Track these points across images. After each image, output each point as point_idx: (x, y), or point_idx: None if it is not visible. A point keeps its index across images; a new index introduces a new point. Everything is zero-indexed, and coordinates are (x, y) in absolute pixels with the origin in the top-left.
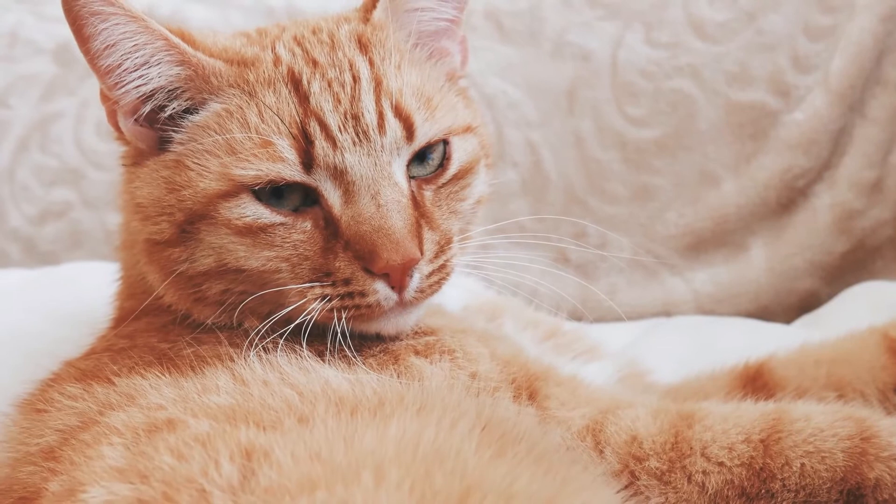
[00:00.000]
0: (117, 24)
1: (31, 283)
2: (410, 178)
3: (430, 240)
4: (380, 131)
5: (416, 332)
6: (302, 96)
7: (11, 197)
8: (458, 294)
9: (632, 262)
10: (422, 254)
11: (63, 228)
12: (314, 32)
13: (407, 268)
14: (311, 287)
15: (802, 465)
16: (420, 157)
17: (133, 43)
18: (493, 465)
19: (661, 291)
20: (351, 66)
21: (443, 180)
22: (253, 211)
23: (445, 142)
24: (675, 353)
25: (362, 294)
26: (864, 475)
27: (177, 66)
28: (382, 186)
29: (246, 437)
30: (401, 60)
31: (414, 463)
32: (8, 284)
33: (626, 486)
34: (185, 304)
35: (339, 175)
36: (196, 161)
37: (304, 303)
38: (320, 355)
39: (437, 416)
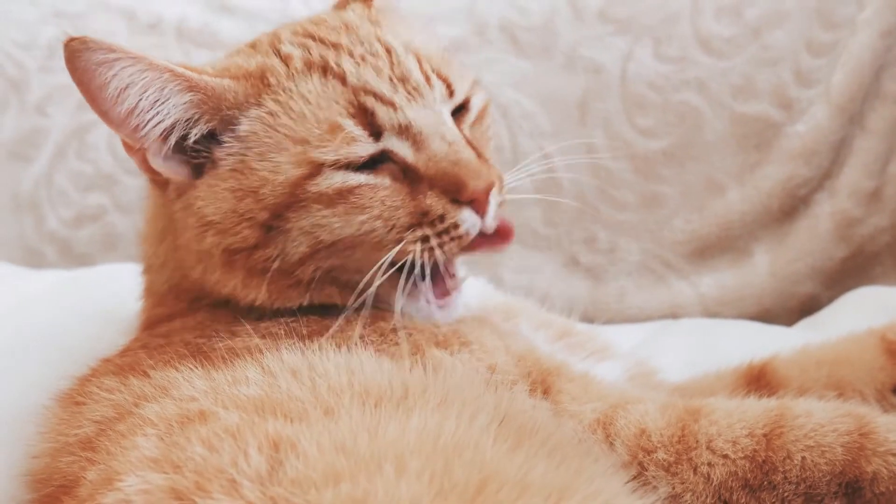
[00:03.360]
0: (124, 67)
1: (67, 284)
2: None
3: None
4: (429, 86)
5: (437, 324)
6: (338, 76)
7: (49, 201)
8: (475, 293)
9: (640, 267)
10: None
11: (97, 231)
12: (317, 24)
13: (488, 192)
14: (412, 231)
15: (803, 458)
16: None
17: (143, 81)
18: (510, 458)
19: (669, 295)
20: (378, 39)
21: (471, 118)
22: (341, 177)
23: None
24: (681, 353)
25: (455, 226)
26: (862, 469)
27: (188, 93)
28: (446, 129)
29: (273, 428)
30: (413, 32)
31: (434, 455)
32: (45, 284)
33: (634, 477)
34: (277, 297)
35: (404, 131)
36: (260, 163)
37: (404, 248)
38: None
39: (458, 409)
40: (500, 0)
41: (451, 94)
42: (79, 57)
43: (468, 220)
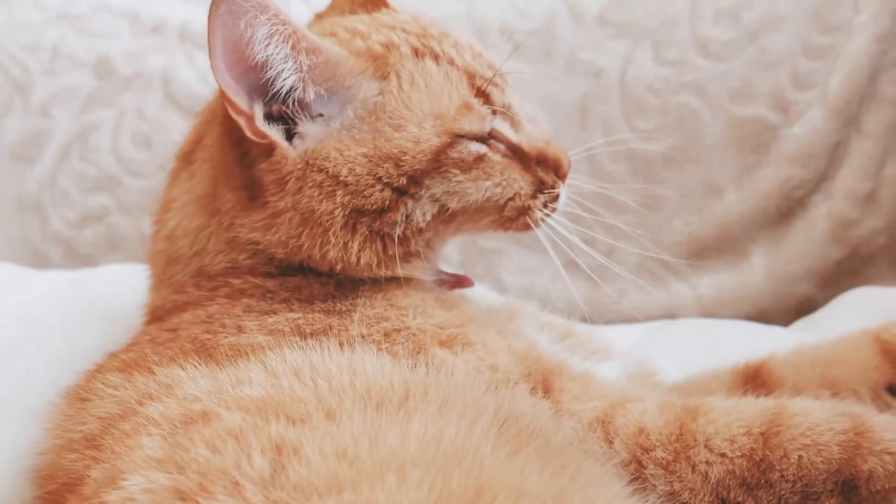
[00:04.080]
0: (269, 19)
1: (71, 284)
2: None
3: None
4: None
5: (441, 324)
6: (449, 61)
7: (53, 202)
8: (478, 296)
9: (639, 268)
10: None
11: (101, 232)
12: (376, 19)
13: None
14: (536, 198)
15: (800, 457)
16: None
17: (280, 34)
18: (508, 464)
19: (667, 295)
20: (452, 33)
21: None
22: (475, 146)
23: None
24: (679, 353)
25: (557, 196)
26: (858, 467)
27: (312, 55)
28: (528, 113)
29: (276, 431)
30: None
31: (434, 463)
32: (50, 285)
33: (633, 476)
34: (383, 264)
35: (505, 111)
36: (398, 133)
37: (530, 211)
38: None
39: (458, 413)
40: (501, 4)
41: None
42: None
43: (563, 193)
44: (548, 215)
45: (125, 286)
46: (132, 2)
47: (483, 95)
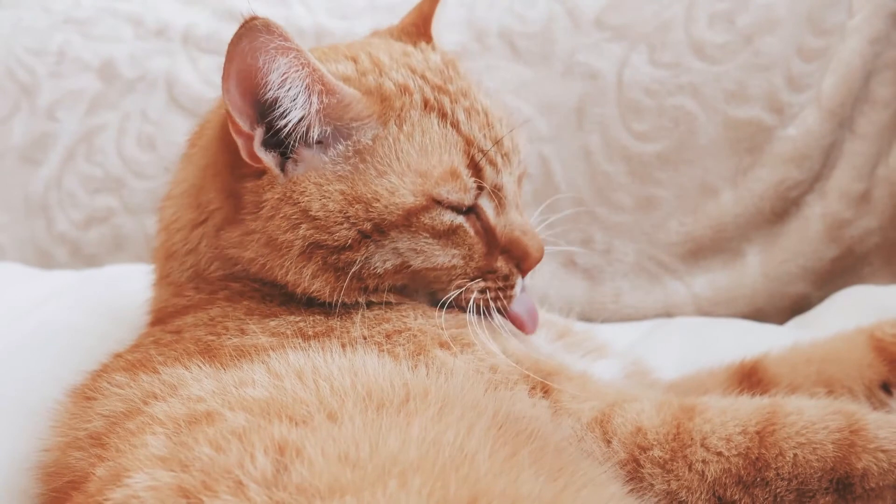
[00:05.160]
0: (289, 57)
1: (76, 284)
2: None
3: None
4: (515, 155)
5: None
6: (453, 124)
7: (59, 203)
8: None
9: (636, 267)
10: None
11: (106, 233)
12: (409, 56)
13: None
14: (476, 282)
15: (795, 455)
16: None
17: (297, 74)
18: (503, 470)
19: (663, 294)
20: (473, 95)
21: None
22: (449, 216)
23: None
24: (675, 351)
25: (511, 286)
26: (853, 465)
27: (326, 96)
28: (519, 199)
29: (279, 431)
30: (480, 88)
31: (434, 469)
32: (56, 284)
33: (631, 477)
34: (338, 294)
35: (495, 191)
36: (378, 180)
37: (465, 293)
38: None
39: (458, 416)
40: (500, 8)
41: (520, 161)
42: (256, 37)
43: (518, 283)
44: (486, 302)
45: (130, 286)
46: (136, 6)
47: (475, 168)
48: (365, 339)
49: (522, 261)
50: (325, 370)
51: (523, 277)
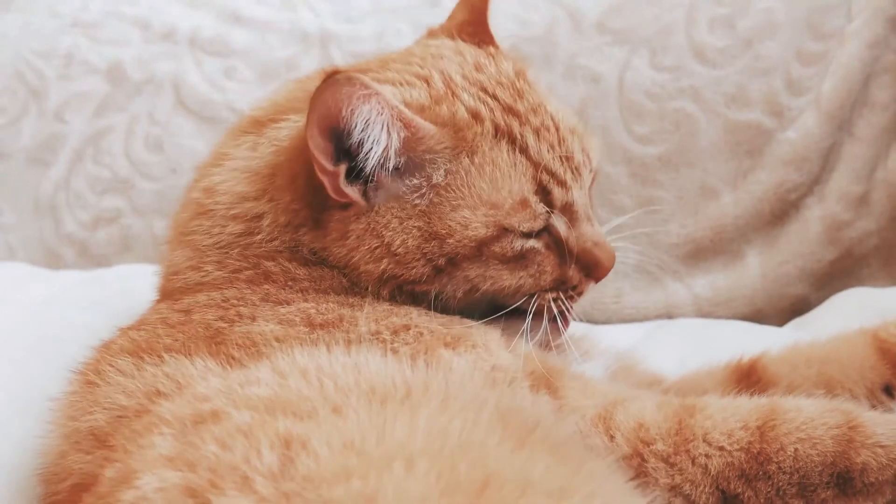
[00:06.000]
0: (370, 104)
1: (84, 283)
2: None
3: None
4: (585, 167)
5: (448, 325)
6: (522, 149)
7: (67, 204)
8: None
9: (637, 269)
10: None
11: (114, 234)
12: (478, 69)
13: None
14: (549, 292)
15: (796, 449)
16: None
17: (379, 118)
18: (513, 456)
19: (664, 295)
20: (544, 109)
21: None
22: (521, 242)
23: None
24: (676, 351)
25: (580, 293)
26: (852, 460)
27: (403, 131)
28: (590, 210)
29: (284, 426)
30: (549, 95)
31: (441, 454)
32: (64, 284)
33: (636, 471)
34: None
35: (566, 208)
36: (451, 214)
37: (540, 303)
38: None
39: (461, 407)
40: (502, 12)
41: (591, 169)
42: (340, 89)
43: (588, 291)
44: (559, 308)
45: (137, 285)
46: (143, 9)
47: (544, 192)
48: (372, 333)
49: (594, 269)
50: (329, 369)
51: (595, 283)
